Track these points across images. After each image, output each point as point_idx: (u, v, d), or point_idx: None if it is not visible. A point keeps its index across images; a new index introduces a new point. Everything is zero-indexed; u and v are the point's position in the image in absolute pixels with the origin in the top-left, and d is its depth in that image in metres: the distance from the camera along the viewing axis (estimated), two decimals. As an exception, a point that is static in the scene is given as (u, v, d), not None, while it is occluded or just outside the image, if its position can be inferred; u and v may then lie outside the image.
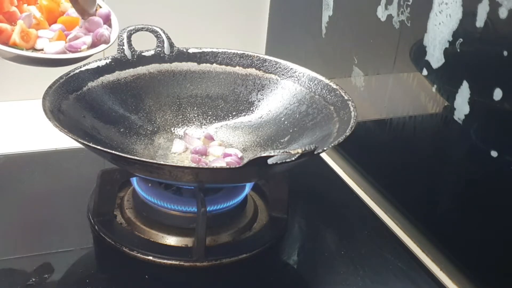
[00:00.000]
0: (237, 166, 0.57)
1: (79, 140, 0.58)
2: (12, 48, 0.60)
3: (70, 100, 0.68)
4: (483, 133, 0.63)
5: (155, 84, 0.78)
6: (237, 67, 0.79)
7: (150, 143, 0.75)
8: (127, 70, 0.76)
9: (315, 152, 0.55)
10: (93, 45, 0.66)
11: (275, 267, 0.66)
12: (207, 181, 0.61)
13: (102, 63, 0.73)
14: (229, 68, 0.79)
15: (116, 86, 0.75)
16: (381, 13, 0.76)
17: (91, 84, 0.72)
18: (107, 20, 0.69)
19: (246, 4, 1.09)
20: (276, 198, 0.71)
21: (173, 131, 0.78)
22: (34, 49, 0.63)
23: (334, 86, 0.72)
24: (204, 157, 0.73)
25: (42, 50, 0.63)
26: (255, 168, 0.56)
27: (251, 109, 0.78)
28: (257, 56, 0.79)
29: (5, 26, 0.60)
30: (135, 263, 0.63)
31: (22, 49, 0.61)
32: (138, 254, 0.63)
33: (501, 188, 0.60)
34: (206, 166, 0.69)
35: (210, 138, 0.76)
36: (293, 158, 0.55)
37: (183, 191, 0.68)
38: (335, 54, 0.89)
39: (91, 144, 0.58)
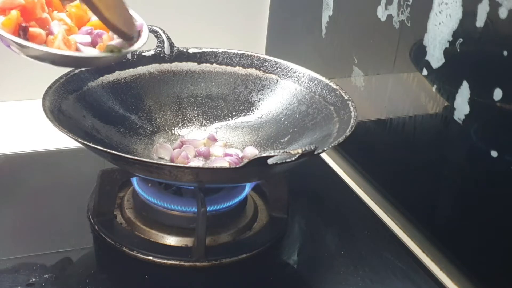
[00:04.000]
0: (237, 166, 0.57)
1: (79, 140, 0.58)
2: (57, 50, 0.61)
3: (70, 100, 0.68)
4: (483, 133, 0.63)
5: (155, 84, 0.78)
6: (237, 67, 0.79)
7: (150, 143, 0.75)
8: (127, 70, 0.76)
9: (315, 152, 0.55)
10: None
11: (275, 267, 0.66)
12: (207, 181, 0.61)
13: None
14: (229, 68, 0.79)
15: (116, 86, 0.75)
16: (381, 13, 0.76)
17: (91, 84, 0.72)
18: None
19: (246, 4, 1.09)
20: (276, 198, 0.71)
21: (173, 131, 0.78)
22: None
23: (334, 86, 0.72)
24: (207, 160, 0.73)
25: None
26: (255, 168, 0.56)
27: (251, 109, 0.78)
28: (257, 56, 0.79)
29: (39, 30, 0.62)
30: (135, 263, 0.63)
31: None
32: (138, 254, 0.63)
33: (501, 188, 0.60)
34: (206, 166, 0.69)
35: (213, 139, 0.76)
36: (293, 158, 0.55)
37: (183, 191, 0.68)
38: (335, 54, 0.89)
39: (91, 144, 0.58)
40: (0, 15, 0.60)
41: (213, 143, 0.76)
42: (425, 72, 0.69)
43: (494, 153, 0.60)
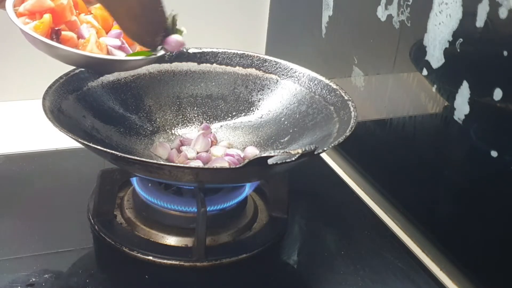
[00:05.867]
0: (237, 166, 0.57)
1: (79, 140, 0.58)
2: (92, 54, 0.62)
3: (70, 100, 0.68)
4: (483, 133, 0.63)
5: (155, 84, 0.78)
6: (237, 67, 0.79)
7: (150, 143, 0.75)
8: (127, 70, 0.76)
9: (315, 152, 0.55)
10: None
11: (275, 267, 0.66)
12: (207, 181, 0.62)
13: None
14: (229, 68, 0.79)
15: (116, 86, 0.75)
16: (381, 13, 0.76)
17: (91, 84, 0.72)
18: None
19: (246, 4, 1.09)
20: (276, 198, 0.71)
21: (173, 131, 0.78)
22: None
23: (334, 86, 0.72)
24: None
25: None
26: (255, 168, 0.56)
27: (251, 109, 0.78)
28: (257, 56, 0.79)
29: (71, 34, 0.62)
30: (135, 263, 0.63)
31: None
32: (138, 254, 0.63)
33: (501, 188, 0.60)
34: (206, 166, 0.69)
35: (206, 128, 0.76)
36: (293, 158, 0.55)
37: (183, 191, 0.68)
38: (335, 54, 0.89)
39: (91, 144, 0.58)
40: (29, 18, 0.60)
41: (208, 134, 0.75)
42: (425, 72, 0.69)
43: (494, 153, 0.60)
